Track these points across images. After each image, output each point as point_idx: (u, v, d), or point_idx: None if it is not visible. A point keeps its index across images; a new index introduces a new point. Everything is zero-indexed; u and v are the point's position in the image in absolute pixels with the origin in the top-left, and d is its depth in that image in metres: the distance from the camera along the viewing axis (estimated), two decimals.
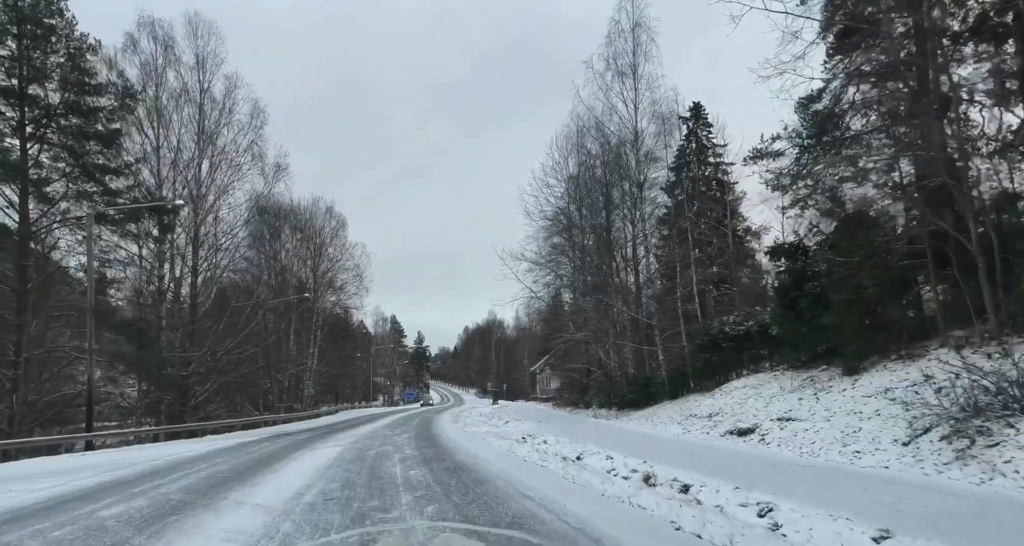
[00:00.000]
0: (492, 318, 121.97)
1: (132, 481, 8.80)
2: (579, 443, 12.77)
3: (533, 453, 11.23)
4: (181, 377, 29.60)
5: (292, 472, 9.31)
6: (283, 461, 11.09)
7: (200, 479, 8.71)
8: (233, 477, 8.86)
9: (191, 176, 30.42)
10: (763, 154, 23.70)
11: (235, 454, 12.99)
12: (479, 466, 9.55)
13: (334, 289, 53.87)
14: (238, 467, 10.25)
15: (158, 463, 11.37)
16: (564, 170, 37.29)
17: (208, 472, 9.60)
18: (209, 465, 10.74)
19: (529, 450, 11.69)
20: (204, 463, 11.05)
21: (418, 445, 14.29)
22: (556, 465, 9.51)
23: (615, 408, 27.44)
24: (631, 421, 20.80)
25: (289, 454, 12.56)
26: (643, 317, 24.51)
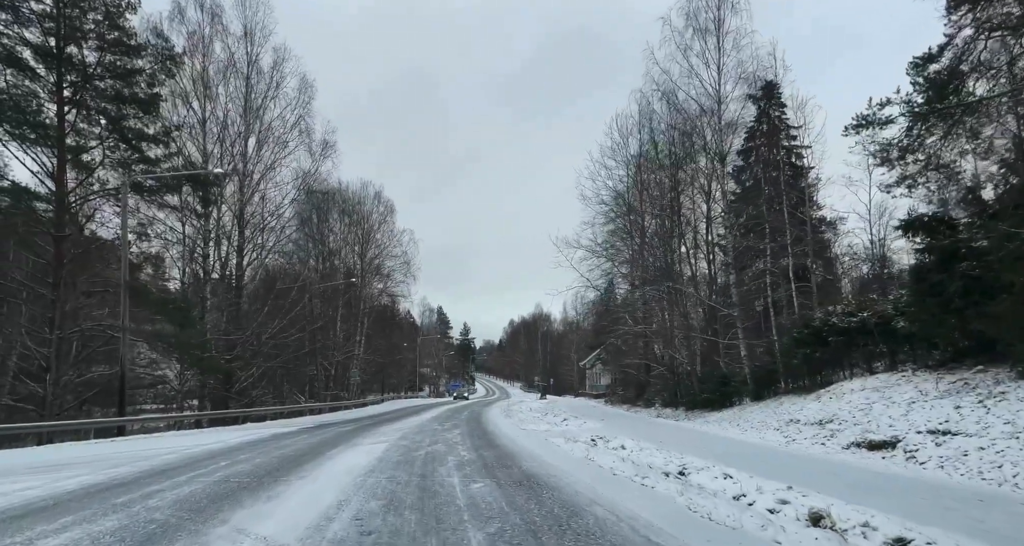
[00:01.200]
0: (539, 311, 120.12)
1: (126, 485, 7.02)
2: (668, 451, 10.46)
3: (619, 463, 8.99)
4: (225, 361, 28.61)
5: (323, 479, 7.36)
6: (316, 461, 9.19)
7: (208, 485, 6.85)
8: (249, 484, 6.97)
9: (237, 151, 29.36)
10: (869, 122, 20.61)
11: (265, 448, 11.24)
12: (559, 480, 7.38)
13: (381, 276, 52.76)
14: (261, 468, 8.39)
15: (173, 458, 9.66)
16: (624, 151, 34.81)
17: (223, 474, 7.76)
18: (229, 463, 8.94)
19: (612, 459, 9.44)
20: (224, 460, 9.27)
21: (474, 445, 12.25)
22: (660, 483, 7.26)
23: (683, 408, 24.90)
24: (709, 424, 18.28)
25: (326, 451, 10.70)
26: (720, 306, 21.82)
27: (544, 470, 8.33)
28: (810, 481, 7.52)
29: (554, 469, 8.42)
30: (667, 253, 27.98)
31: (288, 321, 32.57)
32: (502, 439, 13.93)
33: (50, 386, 17.62)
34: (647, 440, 12.85)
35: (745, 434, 14.87)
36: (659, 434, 15.10)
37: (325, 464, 8.83)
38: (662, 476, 7.77)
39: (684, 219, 26.86)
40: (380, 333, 56.71)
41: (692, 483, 7.23)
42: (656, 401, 30.52)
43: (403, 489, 6.61)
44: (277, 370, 34.99)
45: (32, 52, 18.58)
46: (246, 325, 30.65)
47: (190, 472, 7.94)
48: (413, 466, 8.62)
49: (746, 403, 20.11)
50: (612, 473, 8.08)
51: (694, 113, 22.39)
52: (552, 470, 8.32)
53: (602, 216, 35.49)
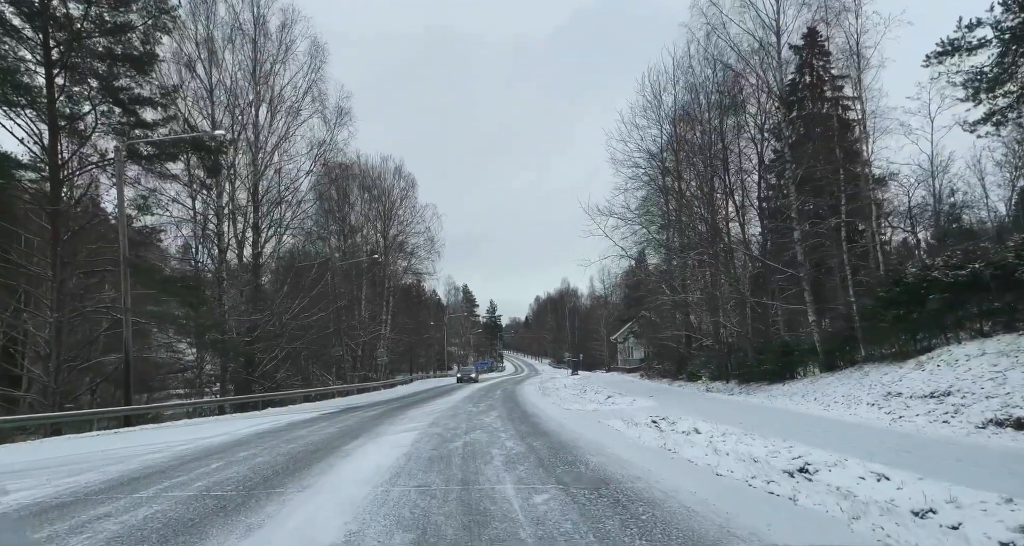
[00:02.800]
0: (565, 287, 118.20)
1: (63, 507, 5.24)
2: (760, 436, 8.44)
3: (712, 456, 6.98)
4: (245, 343, 27.24)
5: (332, 490, 5.51)
6: (329, 460, 7.38)
7: (173, 506, 5.03)
8: (230, 501, 5.14)
9: (248, 121, 27.57)
10: (956, 47, 17.87)
11: (273, 442, 9.50)
12: (650, 487, 5.41)
13: (405, 254, 51.03)
14: (258, 472, 6.59)
15: (157, 459, 7.94)
16: (658, 109, 32.19)
17: (206, 483, 5.97)
18: (222, 465, 7.17)
19: (699, 450, 7.43)
20: (218, 461, 7.50)
21: (518, 431, 10.37)
22: (796, 490, 5.24)
23: (736, 381, 22.78)
24: (775, 398, 16.17)
25: (343, 445, 8.91)
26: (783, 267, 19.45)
27: (620, 469, 6.37)
28: (981, 479, 5.46)
29: (632, 467, 6.46)
30: (711, 212, 25.54)
31: (310, 300, 31.07)
32: (548, 423, 12.04)
33: (52, 372, 16.22)
34: (720, 421, 10.84)
35: (829, 410, 12.75)
36: (727, 413, 13.07)
37: (339, 465, 6.99)
38: (783, 477, 5.75)
39: (730, 175, 24.36)
40: (406, 312, 55.32)
41: (831, 487, 5.20)
42: (702, 374, 28.40)
43: (440, 508, 4.70)
44: (302, 352, 33.66)
45: (15, 8, 16.84)
46: (266, 305, 29.22)
47: (166, 480, 6.16)
48: (450, 466, 6.73)
49: (815, 374, 17.90)
50: (714, 473, 6.08)
51: (747, 51, 19.75)
52: (630, 469, 6.35)
53: (635, 180, 33.08)
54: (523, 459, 7.16)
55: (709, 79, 25.12)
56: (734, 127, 25.72)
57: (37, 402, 16.15)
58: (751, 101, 23.05)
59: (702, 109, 26.12)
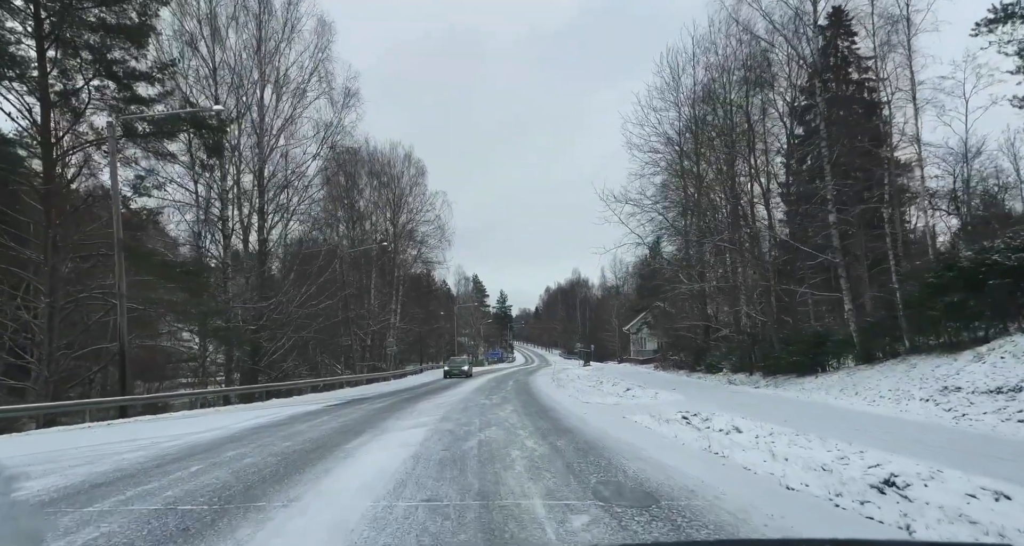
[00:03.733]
0: (576, 278, 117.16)
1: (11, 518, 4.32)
2: (815, 437, 7.42)
3: (771, 463, 5.94)
4: (250, 331, 26.46)
5: (326, 505, 4.54)
6: (325, 463, 6.43)
7: (126, 526, 4.08)
8: (198, 520, 4.17)
9: (252, 101, 26.65)
10: (1010, 14, 16.54)
11: (268, 439, 8.58)
12: (708, 504, 4.39)
13: (415, 242, 50.05)
14: (241, 479, 5.65)
15: (134, 459, 7.01)
16: (676, 91, 30.92)
17: (177, 492, 5.03)
18: (204, 467, 6.25)
19: (753, 454, 6.40)
20: (199, 463, 6.58)
21: (537, 428, 9.40)
22: (908, 513, 4.21)
23: (760, 373, 21.70)
24: (808, 392, 15.10)
25: (345, 443, 7.97)
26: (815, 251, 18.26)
27: (665, 478, 5.36)
28: None
29: (680, 476, 5.45)
30: (734, 197, 24.34)
31: (317, 288, 30.25)
32: (568, 418, 11.07)
33: (44, 361, 15.45)
34: (759, 418, 9.79)
35: (876, 406, 11.68)
36: (763, 408, 12.02)
37: (337, 469, 6.04)
38: (873, 493, 4.71)
39: (755, 156, 23.10)
40: (416, 302, 54.47)
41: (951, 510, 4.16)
42: (723, 366, 27.32)
43: (455, 533, 3.72)
44: (309, 341, 32.90)
45: None
46: (272, 293, 28.42)
47: (132, 488, 5.23)
48: (464, 472, 5.76)
49: (850, 366, 16.79)
50: (781, 485, 5.05)
51: (778, 22, 18.47)
52: (678, 478, 5.34)
53: (652, 165, 31.87)
54: (548, 464, 6.18)
55: (734, 55, 23.85)
56: (759, 107, 24.46)
57: (30, 391, 15.40)
58: (780, 77, 21.76)
59: (727, 87, 24.86)
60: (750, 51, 22.49)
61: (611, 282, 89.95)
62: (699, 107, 29.81)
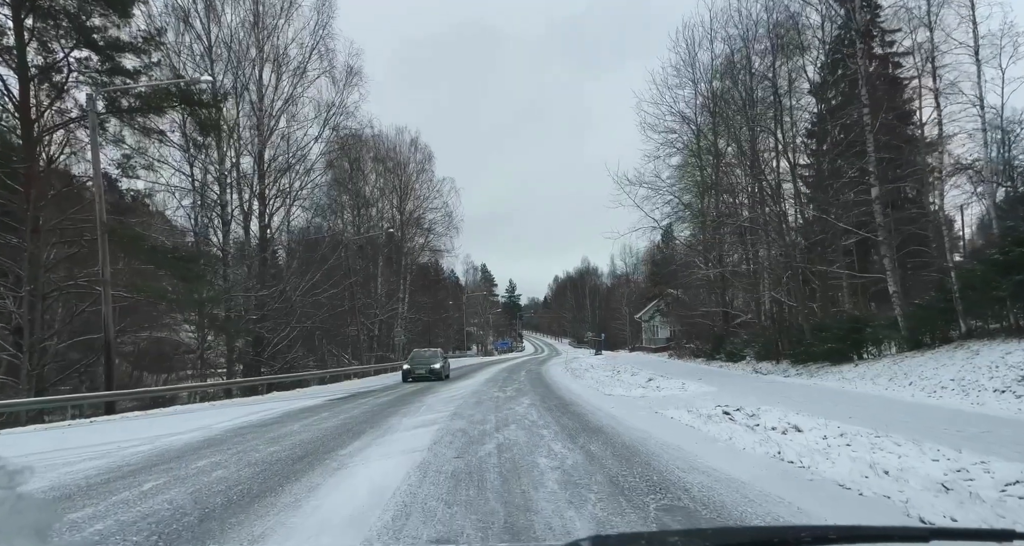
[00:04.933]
0: (585, 266, 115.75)
1: None
2: (911, 441, 6.17)
3: (875, 477, 4.68)
4: (252, 321, 25.40)
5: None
6: (313, 475, 5.25)
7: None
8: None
9: (251, 80, 25.40)
10: None
11: (252, 443, 7.42)
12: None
13: (422, 230, 48.77)
14: (201, 503, 4.46)
15: (91, 468, 5.85)
16: (693, 68, 29.43)
17: (108, 525, 3.85)
18: (161, 485, 5.08)
19: (843, 466, 5.12)
20: (159, 477, 5.41)
21: (562, 427, 8.18)
22: None
23: (788, 361, 20.43)
24: (850, 381, 13.80)
25: (340, 447, 6.80)
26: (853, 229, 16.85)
27: (743, 500, 4.12)
28: None
29: (761, 497, 4.20)
30: (757, 174, 22.87)
31: (322, 276, 29.12)
32: (595, 414, 9.85)
33: (26, 353, 14.39)
34: (814, 413, 8.54)
35: (939, 398, 10.39)
36: (810, 401, 10.74)
37: (323, 487, 4.84)
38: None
39: (783, 130, 21.58)
40: (424, 291, 53.34)
41: None
42: (745, 354, 26.01)
43: None
44: (315, 331, 31.85)
45: None
46: (274, 281, 27.34)
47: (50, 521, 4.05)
48: (484, 491, 4.55)
49: (892, 353, 15.49)
50: (910, 515, 3.79)
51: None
52: (761, 501, 4.10)
53: (667, 146, 30.51)
54: (587, 477, 4.95)
55: (760, 22, 22.29)
56: (787, 78, 22.92)
57: (10, 385, 14.36)
58: (812, 45, 20.25)
59: (749, 58, 23.32)
60: (778, 17, 20.96)
61: (621, 270, 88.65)
62: (719, 82, 28.40)
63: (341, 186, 37.37)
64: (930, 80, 16.27)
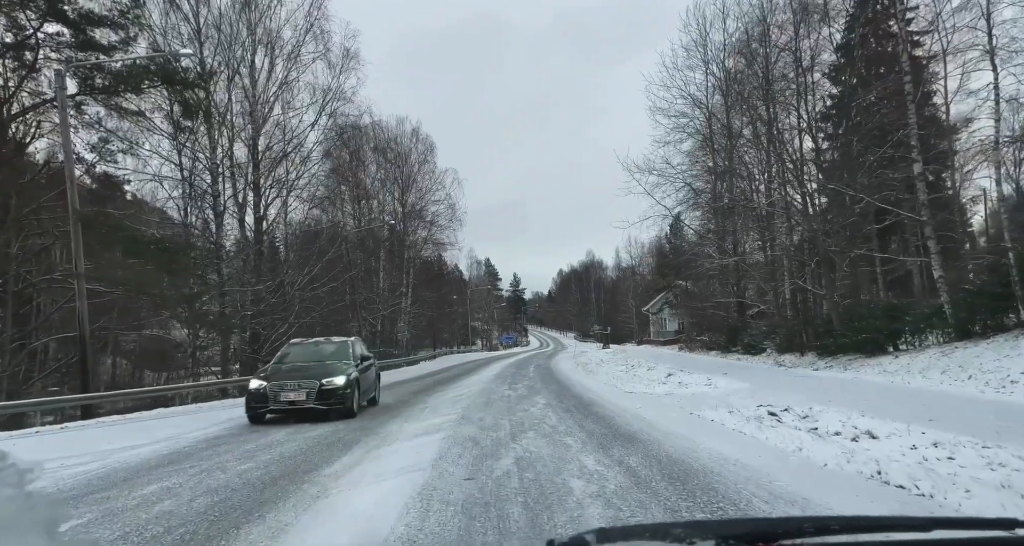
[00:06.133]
0: (590, 259, 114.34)
1: None
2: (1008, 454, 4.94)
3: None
4: (247, 317, 24.25)
5: None
6: (283, 509, 4.06)
7: None
8: None
9: (242, 62, 24.14)
10: None
11: (222, 457, 6.23)
12: None
13: (425, 222, 47.40)
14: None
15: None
16: (705, 49, 28.17)
17: None
18: (75, 527, 3.88)
19: (987, 496, 3.92)
20: (77, 518, 4.19)
21: (587, 433, 6.96)
22: None
23: (813, 353, 19.26)
24: (893, 374, 12.57)
25: (323, 467, 5.60)
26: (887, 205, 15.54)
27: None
28: None
29: None
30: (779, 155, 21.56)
31: (321, 269, 27.93)
32: (622, 416, 8.62)
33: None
34: (876, 413, 7.32)
35: (1008, 394, 9.14)
36: (863, 397, 9.49)
37: (294, 530, 3.63)
38: None
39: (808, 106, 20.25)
40: (427, 285, 52.13)
41: None
42: (765, 346, 24.82)
43: None
44: (316, 327, 30.71)
45: None
46: (271, 275, 26.17)
47: None
48: (507, 535, 3.34)
49: (938, 343, 14.23)
50: None
51: None
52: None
53: (678, 131, 29.27)
54: (641, 511, 3.74)
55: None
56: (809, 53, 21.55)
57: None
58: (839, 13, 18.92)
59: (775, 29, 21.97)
60: None
61: (627, 262, 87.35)
62: (734, 59, 27.14)
63: (340, 177, 36.10)
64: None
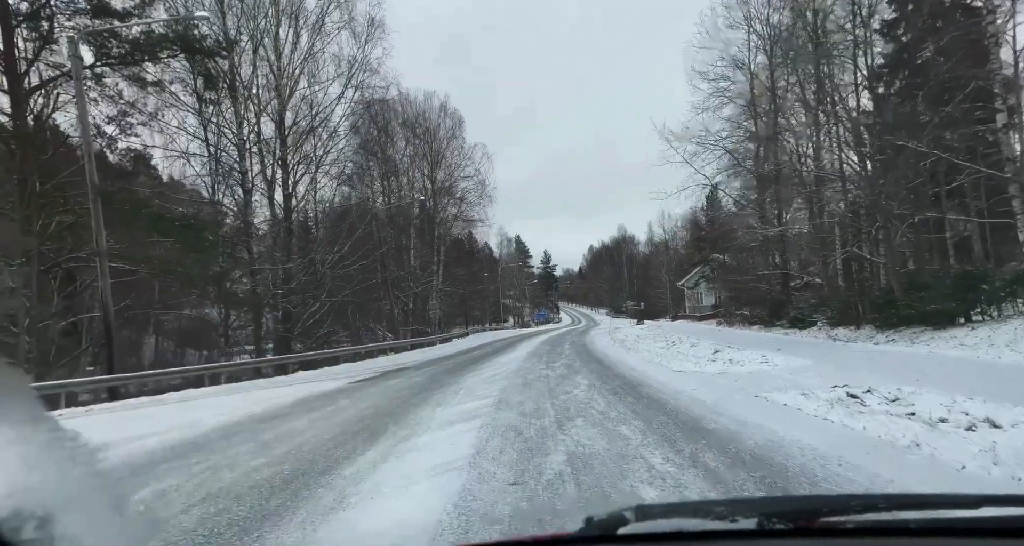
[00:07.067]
0: (621, 235, 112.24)
1: None
2: None
3: None
4: (278, 295, 23.95)
5: None
6: (279, 534, 3.28)
7: None
8: None
9: (264, 32, 23.45)
10: None
11: (235, 450, 5.57)
12: None
13: (454, 199, 46.56)
14: None
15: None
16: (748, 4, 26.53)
17: None
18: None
19: None
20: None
21: (647, 424, 6.08)
22: None
23: (871, 325, 18.00)
24: (976, 348, 11.34)
25: (344, 465, 4.87)
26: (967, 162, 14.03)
27: None
28: None
29: None
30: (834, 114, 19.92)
31: (351, 247, 27.47)
32: (679, 399, 7.71)
33: (23, 331, 12.99)
34: (995, 397, 6.22)
35: None
36: (958, 377, 8.34)
37: None
38: None
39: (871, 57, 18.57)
40: (458, 264, 51.55)
41: None
42: (815, 319, 23.47)
43: None
44: (348, 306, 30.39)
45: None
46: (301, 253, 25.78)
47: None
48: None
49: (1017, 313, 12.89)
50: None
51: None
52: None
53: (718, 95, 27.86)
54: None
55: None
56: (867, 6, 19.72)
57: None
58: None
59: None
60: None
61: (659, 237, 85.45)
62: (779, 15, 25.45)
63: (368, 152, 35.44)
64: None
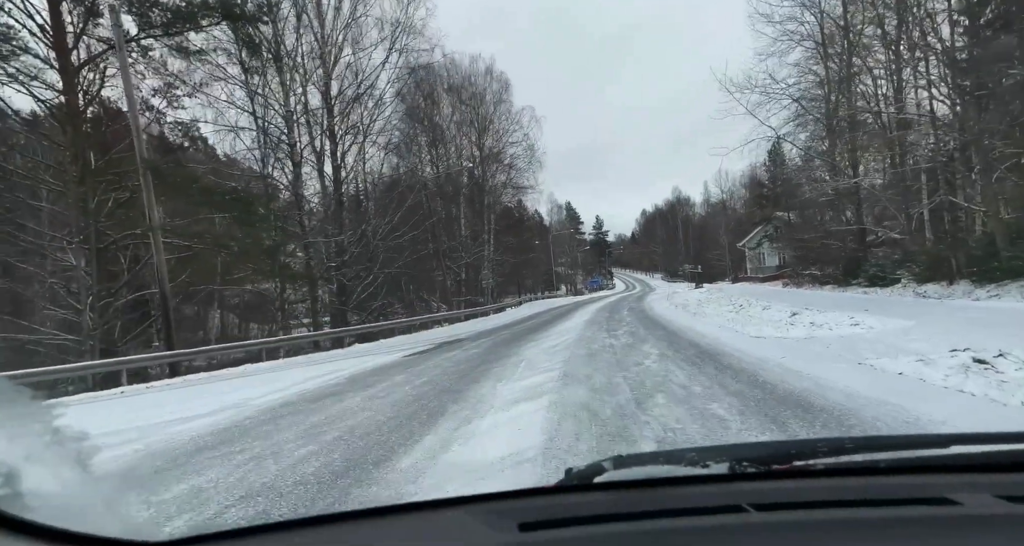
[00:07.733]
0: (676, 197, 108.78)
1: None
2: None
3: None
4: (331, 268, 23.92)
5: None
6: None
7: None
8: None
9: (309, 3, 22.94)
10: None
11: (282, 435, 5.06)
12: None
13: (503, 166, 45.49)
14: None
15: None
16: None
17: None
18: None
19: None
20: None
21: (741, 401, 5.21)
22: None
23: (967, 280, 16.44)
24: None
25: (392, 457, 4.26)
26: None
27: None
28: None
29: None
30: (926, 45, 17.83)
31: (400, 218, 27.13)
32: (767, 369, 6.79)
33: (87, 310, 13.12)
34: None
35: None
36: None
37: None
38: None
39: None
40: (508, 232, 50.79)
41: None
42: (899, 276, 21.71)
43: None
44: (401, 277, 30.28)
45: None
46: (352, 225, 25.61)
47: None
48: None
49: None
50: None
51: None
52: None
53: (784, 38, 25.79)
54: None
55: None
56: None
57: (72, 346, 13.20)
58: None
59: None
60: None
61: (716, 197, 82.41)
62: None
63: (415, 120, 34.79)
64: None
